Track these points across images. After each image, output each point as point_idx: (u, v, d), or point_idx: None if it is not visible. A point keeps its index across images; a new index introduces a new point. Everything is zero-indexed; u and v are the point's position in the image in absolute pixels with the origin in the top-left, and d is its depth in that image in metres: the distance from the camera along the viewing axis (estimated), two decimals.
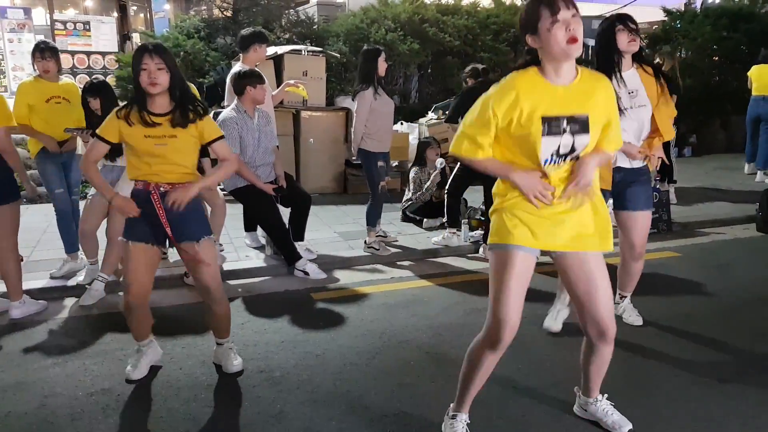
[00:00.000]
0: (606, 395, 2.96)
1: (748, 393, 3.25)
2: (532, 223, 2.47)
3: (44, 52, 4.97)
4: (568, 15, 2.28)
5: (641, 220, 3.77)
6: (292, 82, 6.14)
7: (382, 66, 5.53)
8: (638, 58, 3.67)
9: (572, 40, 2.29)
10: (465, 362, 2.70)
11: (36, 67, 4.99)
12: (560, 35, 2.28)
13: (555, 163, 2.41)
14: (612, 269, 2.73)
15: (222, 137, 3.32)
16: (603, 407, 2.93)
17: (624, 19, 3.55)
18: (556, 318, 3.95)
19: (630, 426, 2.88)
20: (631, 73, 3.59)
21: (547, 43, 2.31)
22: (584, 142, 2.40)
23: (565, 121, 2.37)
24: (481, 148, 2.46)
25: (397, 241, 6.04)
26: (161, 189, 3.18)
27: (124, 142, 3.19)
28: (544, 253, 2.59)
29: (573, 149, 2.40)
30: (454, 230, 5.95)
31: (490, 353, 2.59)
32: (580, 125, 2.39)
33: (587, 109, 2.40)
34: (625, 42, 3.51)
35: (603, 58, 3.53)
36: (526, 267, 2.51)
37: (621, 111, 3.23)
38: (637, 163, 3.69)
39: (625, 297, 4.12)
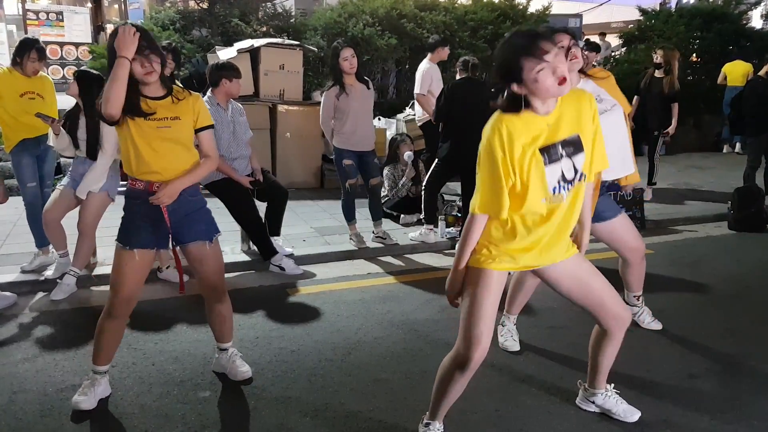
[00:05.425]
0: (612, 385, 3.02)
1: (717, 389, 3.31)
2: (514, 257, 2.48)
3: (41, 53, 4.94)
4: (551, 56, 2.22)
5: (624, 222, 3.72)
6: None
7: (343, 65, 5.38)
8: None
9: (563, 80, 2.25)
10: (437, 380, 2.67)
11: (25, 65, 4.87)
12: (549, 81, 2.23)
13: (565, 189, 2.40)
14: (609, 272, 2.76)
15: (212, 126, 3.14)
16: (613, 397, 2.99)
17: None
18: (513, 336, 3.82)
19: (639, 414, 2.96)
20: (582, 83, 3.46)
21: (537, 90, 2.26)
22: (582, 162, 2.41)
23: (560, 147, 2.36)
24: (496, 204, 2.37)
25: (396, 243, 5.92)
26: None
27: (120, 124, 2.87)
28: None
29: (576, 170, 2.40)
30: (431, 227, 5.96)
31: (459, 375, 2.56)
32: (574, 146, 2.39)
33: (576, 129, 2.40)
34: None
35: None
36: (500, 287, 2.54)
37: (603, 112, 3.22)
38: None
39: (641, 297, 4.07)
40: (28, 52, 4.85)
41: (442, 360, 2.67)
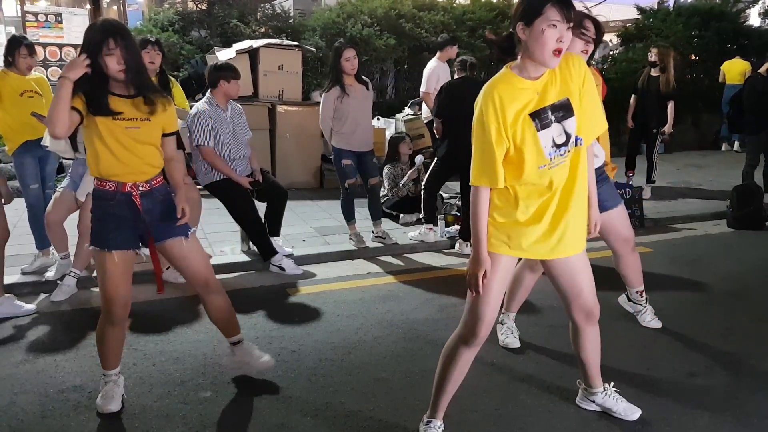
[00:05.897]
0: (612, 383, 3.02)
1: (717, 387, 3.31)
2: (520, 236, 2.49)
3: (31, 48, 4.95)
4: (565, 27, 2.28)
5: (621, 212, 3.74)
6: None
7: (345, 65, 5.40)
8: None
9: (558, 51, 2.30)
10: (440, 363, 2.72)
11: (18, 63, 4.90)
12: (551, 42, 2.28)
13: (559, 155, 2.42)
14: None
15: (177, 133, 3.14)
16: (612, 396, 3.00)
17: (581, 24, 3.33)
18: (513, 333, 3.82)
19: (639, 412, 2.97)
20: None
21: (536, 42, 2.30)
22: (573, 125, 2.43)
23: (549, 111, 2.39)
24: (493, 174, 2.41)
25: (396, 243, 5.94)
26: (140, 189, 2.94)
27: (86, 122, 2.83)
28: None
29: (567, 134, 2.42)
30: (431, 226, 5.96)
31: (465, 350, 2.62)
32: (564, 110, 2.41)
33: (565, 93, 2.43)
34: (578, 50, 3.29)
35: None
36: (509, 269, 2.58)
37: None
38: (597, 162, 3.56)
39: (644, 294, 4.07)
40: (17, 48, 4.88)
41: (446, 343, 2.69)
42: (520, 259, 2.69)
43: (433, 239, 5.96)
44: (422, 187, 6.07)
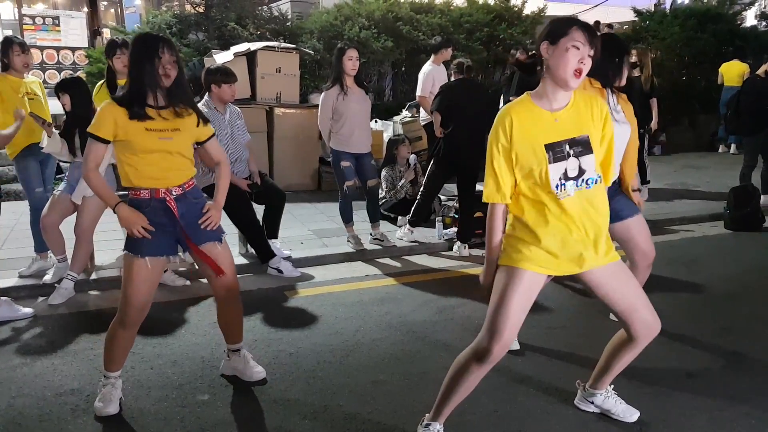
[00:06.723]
0: (612, 385, 3.02)
1: (714, 387, 3.32)
2: (549, 249, 2.47)
3: (23, 46, 4.96)
4: (587, 50, 2.35)
5: (640, 223, 3.67)
6: None
7: (347, 64, 5.45)
8: None
9: (578, 72, 2.35)
10: (449, 373, 2.67)
11: (14, 62, 4.90)
12: (572, 62, 2.34)
13: (566, 188, 2.42)
14: None
15: (214, 134, 3.20)
16: (612, 397, 3.00)
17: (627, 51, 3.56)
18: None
19: (638, 414, 2.97)
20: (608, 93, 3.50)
21: (559, 60, 2.36)
22: (590, 162, 2.45)
23: (567, 145, 2.41)
24: (498, 192, 2.49)
25: (394, 245, 5.95)
26: (174, 193, 3.00)
27: (119, 140, 2.90)
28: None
29: (582, 170, 2.43)
30: (413, 229, 6.02)
31: (476, 367, 2.56)
32: (583, 146, 2.43)
33: (586, 130, 2.45)
34: (626, 75, 3.51)
35: (604, 68, 3.27)
36: (533, 287, 2.53)
37: (617, 121, 3.35)
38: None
39: None
40: (10, 47, 4.90)
41: (458, 355, 2.66)
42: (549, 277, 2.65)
43: (402, 236, 6.00)
44: (420, 190, 6.07)
